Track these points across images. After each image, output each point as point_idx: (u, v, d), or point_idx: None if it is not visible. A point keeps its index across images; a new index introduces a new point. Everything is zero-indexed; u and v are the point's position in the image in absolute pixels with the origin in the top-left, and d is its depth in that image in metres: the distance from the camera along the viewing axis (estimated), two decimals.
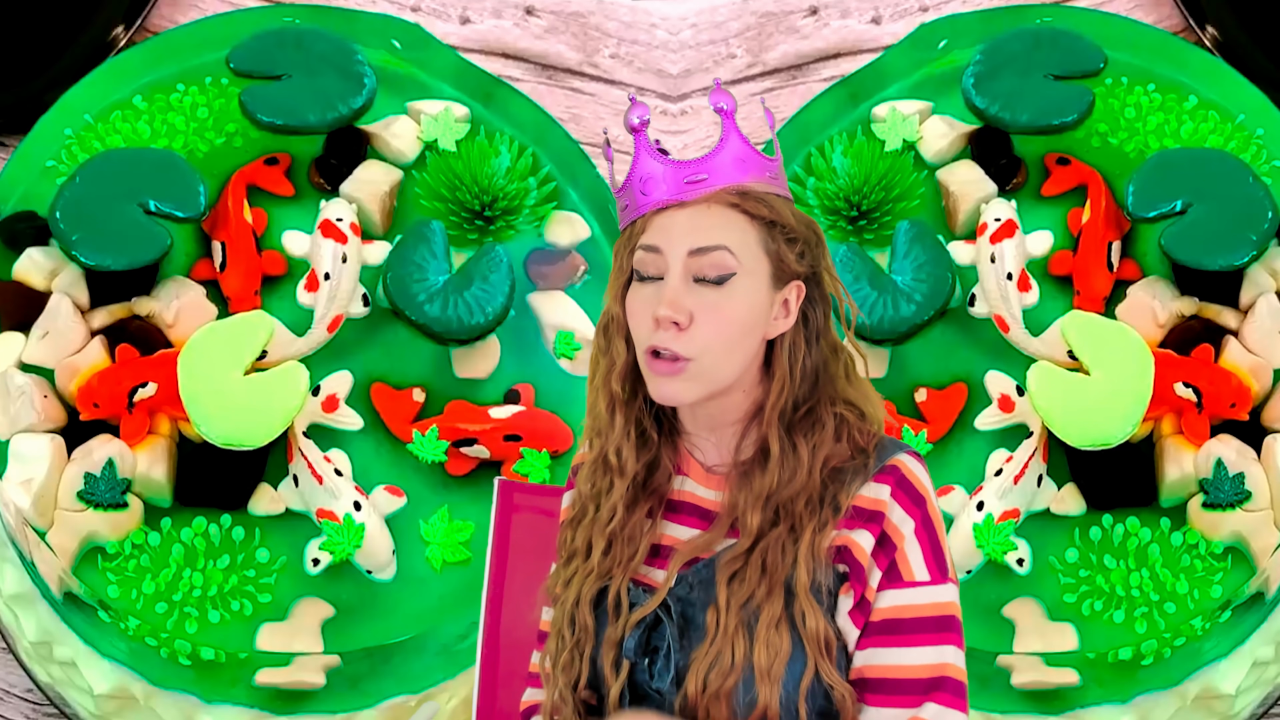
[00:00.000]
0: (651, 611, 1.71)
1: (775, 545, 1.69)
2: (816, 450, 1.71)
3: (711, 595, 1.69)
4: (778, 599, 1.67)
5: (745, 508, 1.70)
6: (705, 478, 1.77)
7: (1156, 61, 3.04)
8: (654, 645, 1.72)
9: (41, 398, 2.72)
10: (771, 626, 1.67)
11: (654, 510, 1.77)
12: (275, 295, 2.86)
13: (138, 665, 2.69)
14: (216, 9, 3.21)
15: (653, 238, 1.71)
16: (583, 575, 1.76)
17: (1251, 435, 2.75)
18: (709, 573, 1.71)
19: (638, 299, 1.72)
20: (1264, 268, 2.83)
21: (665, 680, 1.71)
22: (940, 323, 2.85)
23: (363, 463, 2.77)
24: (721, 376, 1.71)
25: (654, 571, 1.75)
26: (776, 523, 1.70)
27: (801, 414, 1.72)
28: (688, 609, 1.71)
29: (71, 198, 2.81)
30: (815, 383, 1.74)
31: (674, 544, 1.75)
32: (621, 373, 1.75)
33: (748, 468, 1.73)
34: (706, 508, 1.76)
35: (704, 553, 1.72)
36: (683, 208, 1.71)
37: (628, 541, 1.75)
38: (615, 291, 1.74)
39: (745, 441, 1.75)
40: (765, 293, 1.71)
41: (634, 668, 1.73)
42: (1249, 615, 2.72)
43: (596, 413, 1.78)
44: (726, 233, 1.70)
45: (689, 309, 1.68)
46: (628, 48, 3.24)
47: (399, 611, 2.72)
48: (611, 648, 1.73)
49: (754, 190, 1.71)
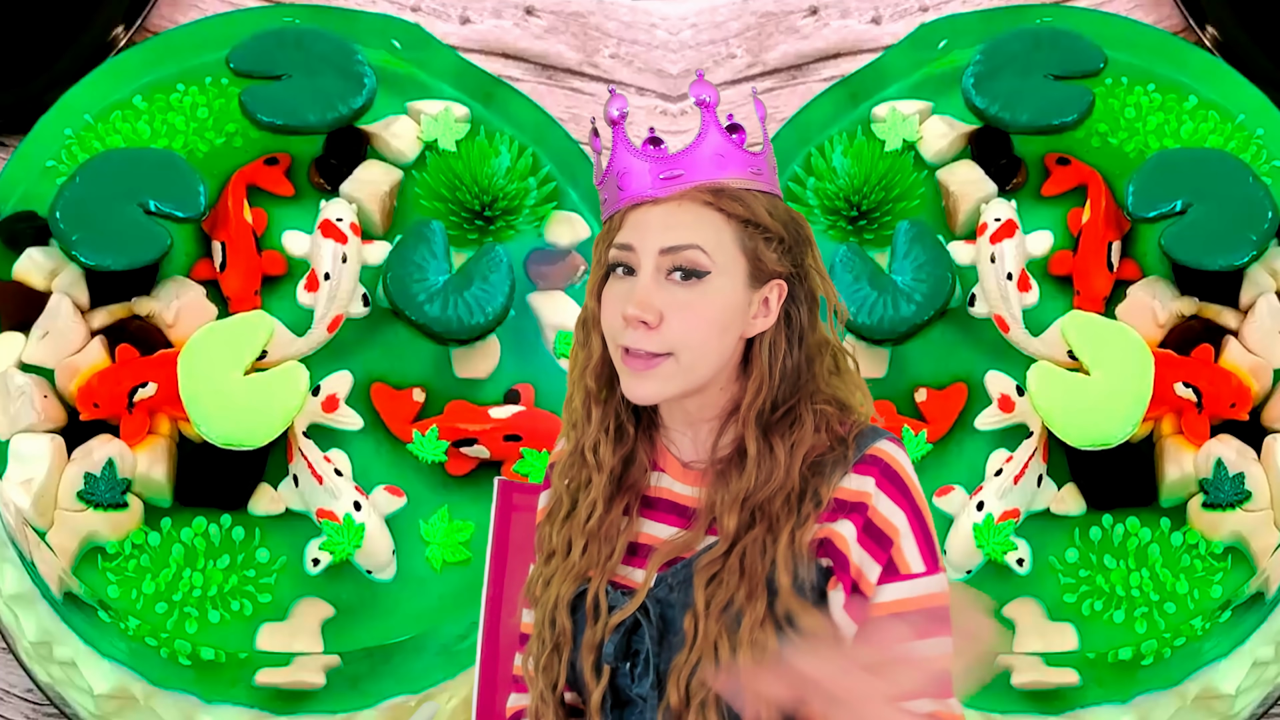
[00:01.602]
0: (630, 615, 1.69)
1: (754, 546, 1.66)
2: (795, 449, 1.69)
3: (691, 597, 1.67)
4: (760, 600, 1.65)
5: (722, 510, 1.68)
6: (682, 473, 1.75)
7: (1156, 61, 3.04)
8: (634, 649, 1.71)
9: (41, 398, 2.72)
10: (756, 628, 1.64)
11: (630, 507, 1.75)
12: (275, 295, 2.86)
13: (138, 665, 2.69)
14: (216, 9, 3.21)
15: (626, 235, 1.69)
16: (561, 576, 1.74)
17: (1251, 435, 2.75)
18: (688, 573, 1.69)
19: (611, 295, 1.70)
20: (1264, 268, 2.83)
21: (645, 685, 1.69)
22: (940, 323, 2.85)
23: (363, 463, 2.77)
24: (695, 375, 1.68)
25: (632, 571, 1.73)
26: (753, 524, 1.67)
27: (780, 414, 1.70)
28: (667, 610, 1.69)
29: (71, 198, 2.81)
30: (796, 382, 1.71)
31: (652, 542, 1.73)
32: (596, 368, 1.73)
33: (724, 467, 1.71)
34: (684, 504, 1.74)
35: (684, 552, 1.70)
36: (657, 204, 1.68)
37: (604, 541, 1.73)
38: (593, 286, 1.73)
39: (723, 439, 1.73)
40: (741, 292, 1.69)
41: (614, 671, 1.71)
42: (1249, 615, 2.72)
43: (573, 407, 1.76)
44: (699, 231, 1.67)
45: (659, 308, 1.66)
46: (628, 48, 3.24)
47: (399, 611, 2.71)
48: (590, 651, 1.71)
49: (730, 187, 1.68)
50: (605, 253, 1.71)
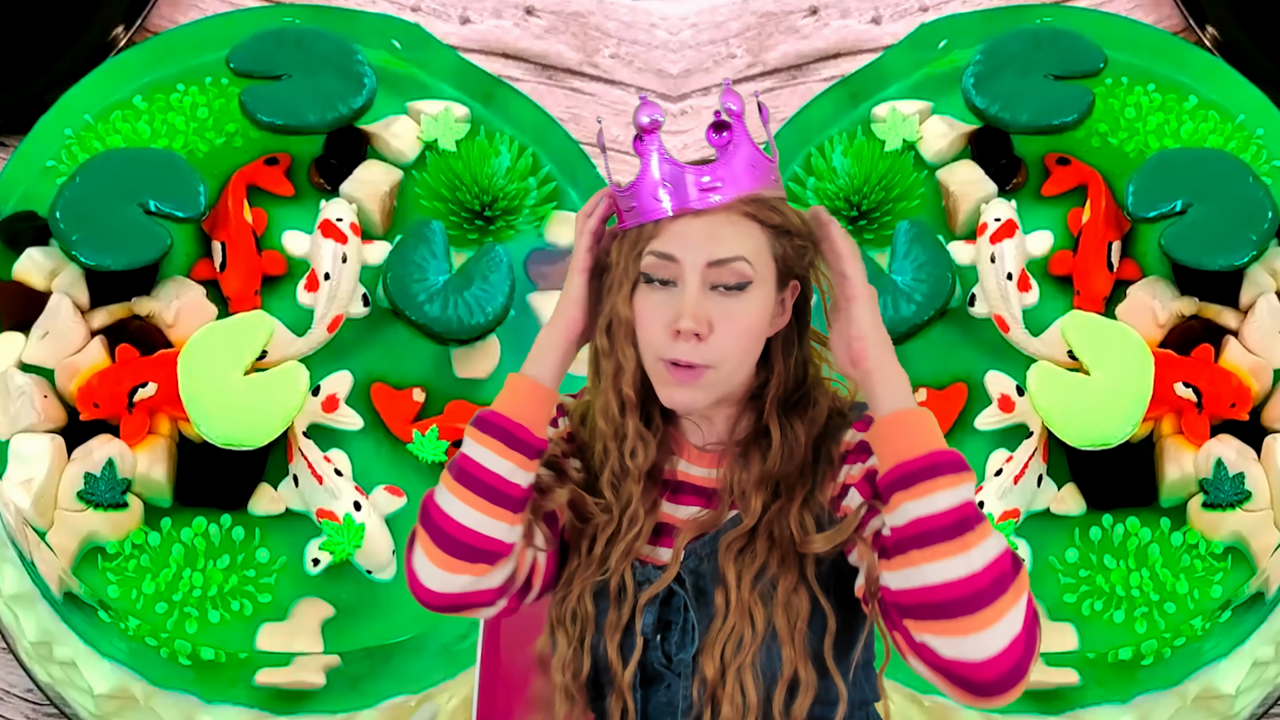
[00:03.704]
0: (665, 586, 1.71)
1: (780, 518, 1.70)
2: (811, 425, 1.73)
3: (721, 569, 1.70)
4: (792, 566, 1.68)
5: (747, 490, 1.71)
6: (697, 456, 1.77)
7: (1156, 61, 3.04)
8: (667, 620, 1.72)
9: (41, 398, 2.72)
10: (790, 591, 1.68)
11: (656, 501, 1.77)
12: (275, 295, 2.86)
13: (138, 665, 2.69)
14: (216, 9, 3.21)
15: (668, 245, 1.69)
16: (584, 570, 1.75)
17: (1251, 435, 2.75)
18: (715, 546, 1.71)
19: (649, 305, 1.70)
20: (1264, 268, 2.83)
21: (688, 651, 1.71)
22: (940, 323, 2.85)
23: (363, 463, 2.77)
24: (732, 383, 1.72)
25: (658, 550, 1.75)
26: (778, 496, 1.71)
27: (797, 398, 1.74)
28: (699, 580, 1.72)
29: (71, 198, 2.81)
30: (805, 368, 1.76)
31: (675, 523, 1.75)
32: (632, 378, 1.74)
33: (744, 449, 1.74)
34: (701, 485, 1.76)
35: (709, 528, 1.73)
36: (698, 216, 1.69)
37: (629, 525, 1.74)
38: (625, 294, 1.72)
39: (740, 424, 1.76)
40: (773, 296, 1.72)
41: (647, 646, 1.73)
42: (1249, 615, 2.72)
43: (610, 417, 1.75)
44: (744, 242, 1.69)
45: (709, 319, 1.68)
46: (628, 48, 3.24)
47: (399, 611, 2.71)
48: (615, 631, 1.73)
49: (765, 197, 1.71)
50: (636, 262, 1.71)
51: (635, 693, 1.73)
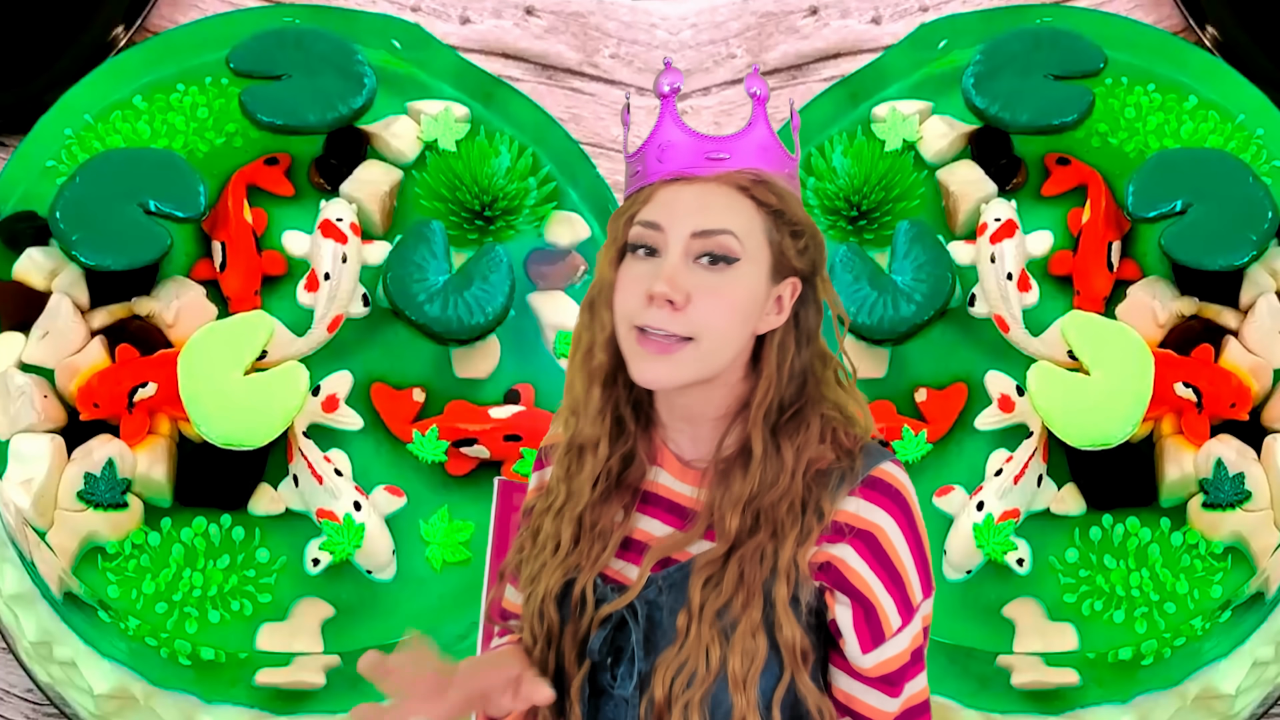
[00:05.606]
0: (617, 612, 1.68)
1: (754, 553, 1.64)
2: (800, 452, 1.66)
3: (682, 599, 1.65)
4: (756, 608, 1.64)
5: (724, 511, 1.66)
6: (681, 471, 1.72)
7: (1156, 61, 3.04)
8: (618, 645, 1.69)
9: (41, 398, 2.72)
10: (749, 635, 1.63)
11: (628, 505, 1.72)
12: (275, 295, 2.86)
13: (138, 665, 2.69)
14: (216, 9, 3.21)
15: (654, 213, 1.66)
16: (551, 569, 1.72)
17: (1251, 435, 2.75)
18: (681, 576, 1.67)
19: (630, 275, 1.66)
20: (1264, 268, 2.83)
21: (628, 687, 1.68)
22: (940, 323, 2.85)
23: (363, 463, 2.77)
24: (710, 364, 1.65)
25: (625, 566, 1.71)
26: (756, 529, 1.65)
27: (788, 416, 1.68)
28: (654, 612, 1.67)
29: (71, 198, 2.81)
30: (803, 384, 1.69)
31: (645, 539, 1.71)
32: (605, 344, 1.69)
33: (727, 467, 1.68)
34: (680, 503, 1.72)
35: (677, 553, 1.68)
36: (690, 184, 1.66)
37: (598, 536, 1.71)
38: (611, 259, 1.68)
39: (727, 439, 1.70)
40: (764, 283, 1.66)
41: (596, 666, 1.70)
42: (1249, 615, 2.72)
43: (574, 393, 1.72)
44: (732, 216, 1.65)
45: (687, 289, 1.63)
46: (628, 48, 3.24)
47: (399, 611, 2.72)
48: (574, 643, 1.70)
49: (768, 179, 1.67)
50: (625, 229, 1.68)
51: (584, 705, 1.71)
